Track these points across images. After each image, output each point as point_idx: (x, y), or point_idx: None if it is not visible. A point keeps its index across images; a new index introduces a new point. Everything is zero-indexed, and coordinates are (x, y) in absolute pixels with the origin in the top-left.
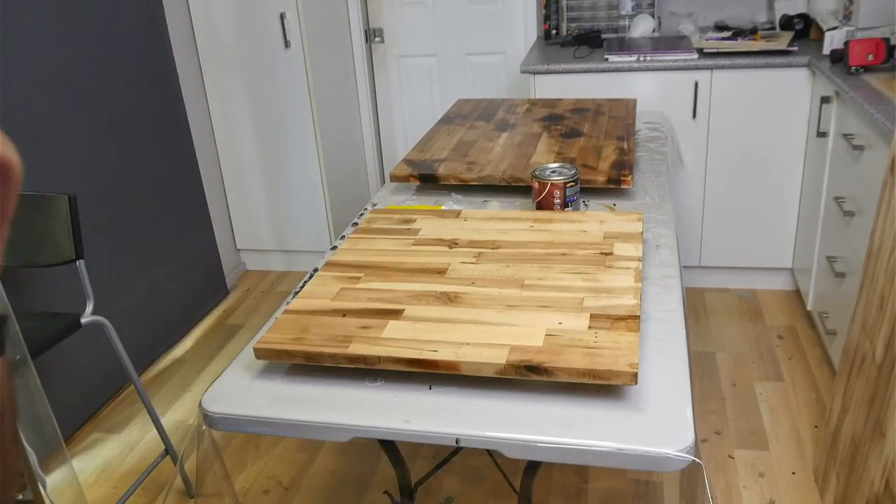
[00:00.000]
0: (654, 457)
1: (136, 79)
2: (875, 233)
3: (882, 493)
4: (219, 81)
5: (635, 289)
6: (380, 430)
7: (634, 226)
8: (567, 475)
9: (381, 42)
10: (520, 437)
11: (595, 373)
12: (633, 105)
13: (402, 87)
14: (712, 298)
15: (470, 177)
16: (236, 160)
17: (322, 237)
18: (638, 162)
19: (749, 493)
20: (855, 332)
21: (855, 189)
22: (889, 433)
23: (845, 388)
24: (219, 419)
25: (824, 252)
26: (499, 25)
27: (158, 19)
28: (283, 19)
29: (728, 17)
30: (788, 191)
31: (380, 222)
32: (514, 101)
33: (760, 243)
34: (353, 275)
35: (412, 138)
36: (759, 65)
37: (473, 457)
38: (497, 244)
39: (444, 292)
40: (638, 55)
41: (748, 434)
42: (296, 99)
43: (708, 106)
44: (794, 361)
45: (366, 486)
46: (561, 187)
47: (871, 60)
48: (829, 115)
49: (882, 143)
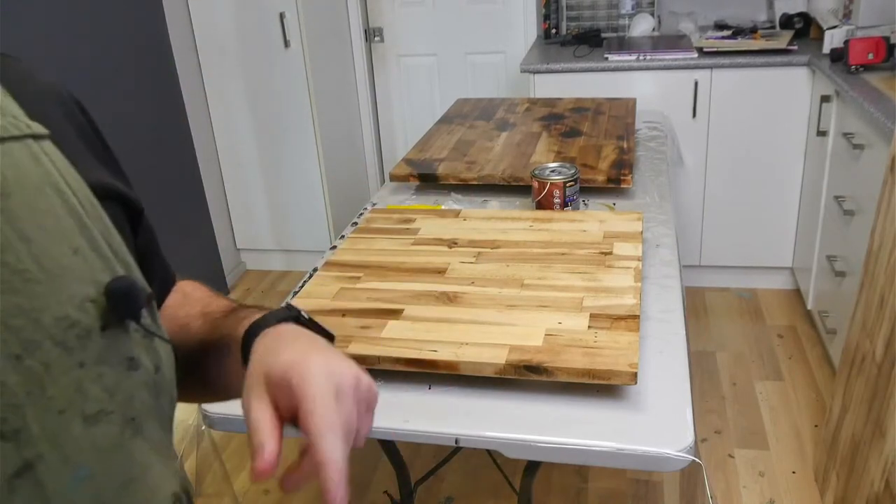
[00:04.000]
0: (653, 457)
1: (135, 79)
2: (875, 232)
3: (882, 493)
4: (219, 81)
5: (635, 288)
6: (380, 430)
7: (634, 225)
8: (567, 475)
9: (381, 42)
10: (520, 437)
11: (595, 373)
12: (632, 104)
13: (402, 86)
14: (712, 298)
15: (469, 176)
16: (236, 160)
17: (322, 237)
18: (638, 161)
19: (749, 493)
20: (855, 331)
21: (855, 188)
22: (889, 433)
23: (845, 388)
24: (219, 419)
25: (824, 251)
26: (498, 25)
27: (158, 19)
28: (283, 19)
29: (728, 16)
30: (788, 190)
31: (379, 222)
32: (514, 100)
33: (760, 242)
34: (353, 274)
35: (412, 138)
36: (759, 64)
37: (473, 457)
38: (497, 244)
39: (443, 292)
40: (638, 54)
41: (748, 433)
42: (296, 99)
43: (708, 105)
44: (794, 361)
45: (366, 486)
46: (560, 187)
47: (871, 59)
48: (829, 114)
49: (882, 142)
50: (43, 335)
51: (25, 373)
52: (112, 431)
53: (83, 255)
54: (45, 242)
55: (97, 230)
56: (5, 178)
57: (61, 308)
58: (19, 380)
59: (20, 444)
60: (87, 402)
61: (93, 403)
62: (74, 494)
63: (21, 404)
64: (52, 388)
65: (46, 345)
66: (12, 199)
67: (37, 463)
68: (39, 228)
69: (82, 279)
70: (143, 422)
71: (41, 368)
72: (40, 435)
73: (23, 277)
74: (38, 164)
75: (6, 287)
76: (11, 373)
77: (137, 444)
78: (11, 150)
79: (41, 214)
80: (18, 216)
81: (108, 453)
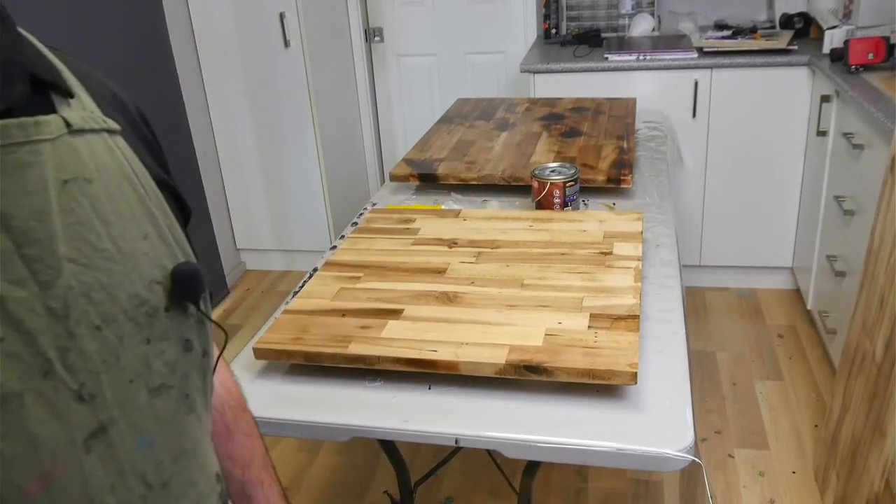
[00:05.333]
0: (653, 457)
1: (135, 78)
2: (875, 232)
3: (882, 493)
4: (218, 81)
5: (635, 288)
6: (379, 430)
7: (634, 225)
8: (567, 475)
9: (381, 41)
10: (520, 437)
11: (595, 373)
12: (632, 104)
13: (402, 86)
14: (712, 298)
15: (469, 176)
16: (236, 160)
17: (322, 237)
18: (638, 161)
19: (749, 493)
20: (855, 331)
21: (855, 188)
22: (889, 432)
23: (845, 388)
24: None
25: (824, 251)
26: (498, 25)
27: (158, 19)
28: (283, 19)
29: (728, 15)
30: (788, 190)
31: (379, 222)
32: (514, 100)
33: (760, 242)
34: (353, 274)
35: (412, 138)
36: (759, 64)
37: (473, 457)
38: (496, 244)
39: (443, 292)
40: (638, 54)
41: (748, 433)
42: (295, 98)
43: (708, 105)
44: (794, 361)
45: (366, 486)
46: (560, 187)
47: (871, 59)
48: (829, 113)
49: (882, 141)
50: (118, 310)
51: (103, 343)
52: (171, 405)
53: (151, 240)
54: (120, 226)
55: (161, 219)
56: (87, 166)
57: (133, 287)
58: (98, 348)
59: (96, 407)
60: (151, 375)
61: (156, 377)
62: (140, 459)
63: (98, 371)
64: (125, 358)
65: (121, 318)
66: (94, 185)
67: (109, 426)
68: (116, 213)
69: (151, 262)
70: (195, 400)
71: (116, 340)
72: (113, 401)
73: (103, 256)
74: (112, 155)
75: (90, 263)
76: (91, 341)
77: (191, 421)
78: (91, 141)
79: (117, 201)
80: (99, 200)
81: (168, 424)
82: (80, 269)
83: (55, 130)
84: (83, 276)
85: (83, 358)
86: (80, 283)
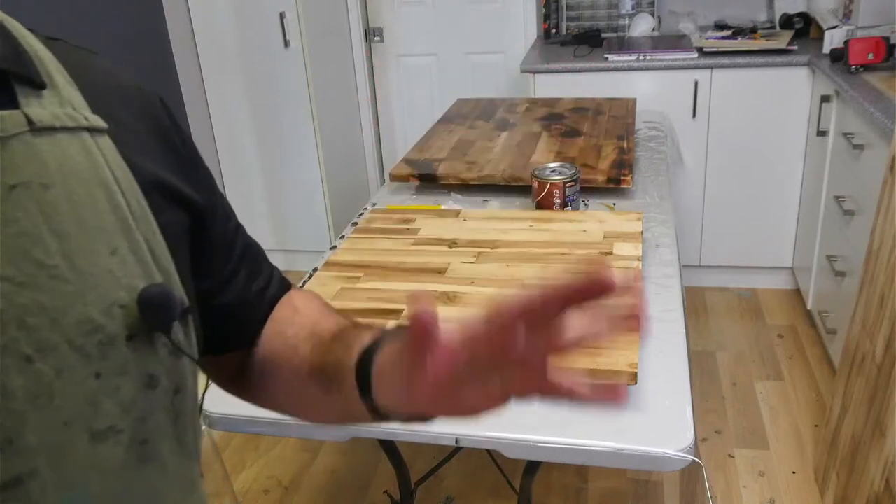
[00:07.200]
0: (653, 457)
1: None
2: (875, 232)
3: (882, 493)
4: (219, 81)
5: None
6: (380, 430)
7: (634, 225)
8: (567, 475)
9: (381, 41)
10: (520, 437)
11: (595, 372)
12: (632, 104)
13: (402, 86)
14: (712, 298)
15: (470, 176)
16: (236, 160)
17: (322, 237)
18: (638, 161)
19: (749, 493)
20: (855, 331)
21: (855, 188)
22: (889, 432)
23: (845, 388)
24: (219, 419)
25: (824, 251)
26: (498, 24)
27: (158, 19)
28: (283, 19)
29: (728, 15)
30: (788, 190)
31: (379, 222)
32: (514, 100)
33: (760, 242)
34: (353, 274)
35: (412, 138)
36: (759, 64)
37: (473, 457)
38: (497, 244)
39: (443, 292)
40: (638, 54)
41: (748, 433)
42: (295, 98)
43: (708, 105)
44: (794, 361)
45: (366, 486)
46: (561, 187)
47: (871, 59)
48: (829, 113)
49: (882, 141)
50: (60, 337)
51: (33, 376)
52: (118, 453)
53: (121, 256)
54: (80, 239)
55: (141, 233)
56: (48, 169)
57: (86, 311)
58: (25, 384)
59: (13, 455)
60: (97, 417)
61: (103, 419)
62: None
63: (23, 411)
64: (61, 396)
65: (63, 348)
66: (51, 191)
67: (28, 479)
68: (78, 224)
69: (116, 282)
70: (157, 446)
71: (52, 373)
72: (38, 448)
73: (49, 274)
74: (88, 156)
75: (29, 282)
76: (17, 375)
77: (147, 470)
78: (61, 140)
79: (82, 210)
80: (56, 209)
81: (111, 476)
82: (15, 288)
83: (10, 128)
84: (18, 298)
85: (3, 395)
86: (12, 305)
